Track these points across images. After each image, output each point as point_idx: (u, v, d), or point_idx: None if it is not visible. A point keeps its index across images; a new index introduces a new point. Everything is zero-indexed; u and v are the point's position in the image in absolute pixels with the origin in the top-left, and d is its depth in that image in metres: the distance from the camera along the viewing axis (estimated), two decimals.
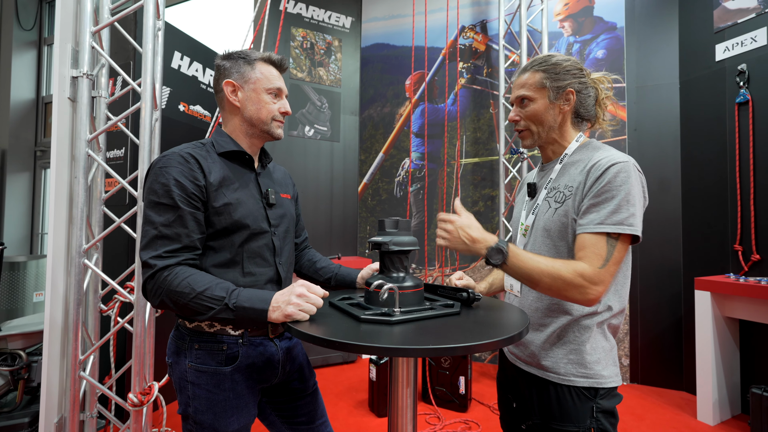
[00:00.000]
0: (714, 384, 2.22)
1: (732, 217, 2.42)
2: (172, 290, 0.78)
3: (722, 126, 2.49)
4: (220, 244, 0.88)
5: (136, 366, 1.45)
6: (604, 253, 0.77)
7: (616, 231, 0.77)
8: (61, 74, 1.44)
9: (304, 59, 3.48)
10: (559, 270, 0.77)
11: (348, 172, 3.65)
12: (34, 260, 2.63)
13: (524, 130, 0.94)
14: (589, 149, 0.90)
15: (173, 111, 2.47)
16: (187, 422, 0.91)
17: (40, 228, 4.82)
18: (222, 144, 0.94)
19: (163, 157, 0.86)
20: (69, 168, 1.48)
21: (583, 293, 0.76)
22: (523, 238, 0.95)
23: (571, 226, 0.84)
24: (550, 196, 0.90)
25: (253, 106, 0.94)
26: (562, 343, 0.86)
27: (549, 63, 0.91)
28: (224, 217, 0.87)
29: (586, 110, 0.93)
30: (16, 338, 1.71)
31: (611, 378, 0.84)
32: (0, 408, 1.63)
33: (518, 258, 0.79)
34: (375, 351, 0.58)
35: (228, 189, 0.89)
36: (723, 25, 2.51)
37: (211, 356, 0.89)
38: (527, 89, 0.91)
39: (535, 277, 0.78)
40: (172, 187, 0.82)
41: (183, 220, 0.82)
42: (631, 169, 0.80)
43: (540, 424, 0.87)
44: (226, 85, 0.94)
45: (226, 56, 0.96)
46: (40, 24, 4.92)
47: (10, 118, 4.60)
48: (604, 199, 0.79)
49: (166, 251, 0.81)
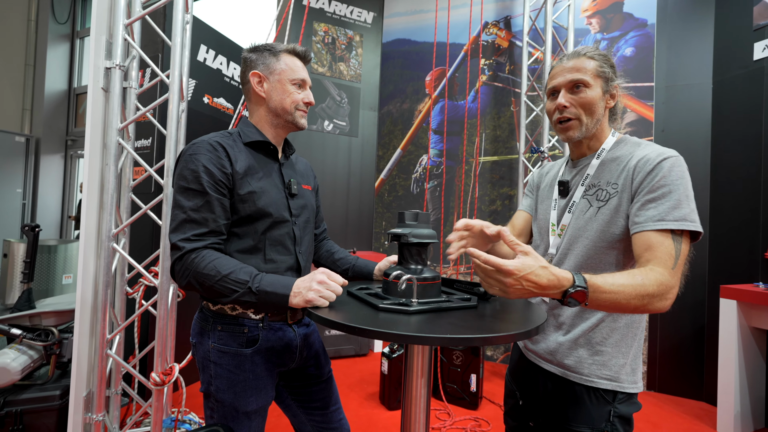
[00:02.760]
0: (737, 395, 2.14)
1: (764, 224, 2.32)
2: (198, 272, 0.81)
3: (757, 129, 2.38)
4: (244, 231, 0.91)
5: (159, 347, 1.52)
6: (673, 252, 0.71)
7: (679, 228, 0.72)
8: (95, 65, 1.50)
9: (325, 54, 3.50)
10: (645, 286, 0.68)
11: (365, 167, 3.67)
12: (63, 244, 2.76)
13: (573, 119, 0.85)
14: (629, 145, 0.86)
15: (198, 103, 2.54)
16: (208, 400, 0.94)
17: (70, 213, 5.04)
18: (248, 134, 0.96)
19: (193, 144, 0.90)
20: (101, 156, 1.54)
21: (664, 300, 0.70)
22: (558, 239, 0.90)
23: (617, 225, 0.80)
24: (590, 194, 0.85)
25: (277, 96, 0.96)
26: (588, 343, 0.84)
27: (599, 54, 0.86)
28: (248, 205, 0.90)
29: (618, 110, 0.91)
30: (49, 315, 1.80)
31: (634, 384, 0.82)
32: (34, 380, 1.73)
33: (601, 290, 0.66)
34: (393, 338, 0.59)
35: (253, 178, 0.92)
36: (764, 22, 2.39)
37: (233, 338, 0.92)
38: (584, 74, 0.83)
39: (623, 303, 0.67)
40: (201, 174, 0.85)
41: (210, 206, 0.86)
42: (684, 163, 0.77)
43: (551, 422, 0.86)
44: (252, 76, 0.96)
45: (252, 49, 0.99)
46: (73, 17, 5.12)
47: (44, 109, 4.82)
48: (662, 194, 0.74)
49: (194, 234, 0.84)
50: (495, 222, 0.83)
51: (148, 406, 1.58)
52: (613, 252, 0.82)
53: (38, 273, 2.03)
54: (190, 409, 2.12)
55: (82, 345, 1.50)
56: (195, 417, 2.05)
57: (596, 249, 0.83)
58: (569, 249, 0.86)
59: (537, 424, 0.90)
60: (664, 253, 0.71)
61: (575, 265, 0.86)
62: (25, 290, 1.83)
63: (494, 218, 3.26)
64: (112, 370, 1.70)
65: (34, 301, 1.87)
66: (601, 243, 0.82)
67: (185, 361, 1.63)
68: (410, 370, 0.75)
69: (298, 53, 0.99)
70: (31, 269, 1.85)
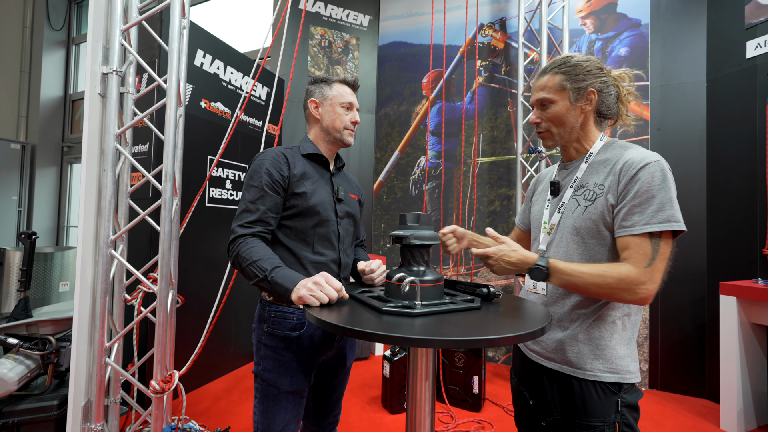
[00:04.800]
0: (739, 392, 2.14)
1: (761, 220, 2.33)
2: (239, 254, 0.98)
3: (752, 125, 2.40)
4: (298, 225, 1.08)
5: (158, 354, 1.50)
6: (649, 252, 0.78)
7: (663, 229, 0.78)
8: (92, 71, 1.49)
9: (322, 57, 3.51)
10: (605, 277, 0.79)
11: (364, 169, 3.67)
12: (60, 252, 2.74)
13: (545, 132, 0.95)
14: (616, 148, 0.91)
15: (195, 108, 2.53)
16: (256, 380, 1.09)
17: (66, 221, 5.00)
18: (305, 147, 1.17)
19: (262, 153, 1.11)
20: (98, 161, 1.53)
21: (633, 294, 0.78)
22: (548, 237, 0.95)
23: (604, 224, 0.85)
24: (579, 195, 0.90)
25: (329, 118, 1.17)
26: (588, 339, 0.87)
27: (569, 65, 0.91)
28: (302, 202, 1.07)
29: (608, 108, 0.93)
30: (46, 324, 1.78)
31: (635, 373, 0.86)
32: (31, 390, 1.70)
33: (561, 272, 0.82)
34: (398, 341, 0.58)
35: (307, 181, 1.10)
36: (755, 20, 2.41)
37: (283, 324, 1.07)
38: (547, 92, 0.92)
39: (582, 287, 0.81)
40: (263, 175, 1.05)
41: (264, 200, 1.04)
42: (666, 166, 0.82)
43: (562, 420, 0.87)
44: (310, 102, 1.19)
45: (312, 82, 1.21)
46: (69, 24, 5.11)
47: (39, 115, 4.80)
48: (646, 199, 0.80)
49: (247, 222, 1.02)
50: (494, 221, 0.90)
51: (148, 415, 1.56)
52: (602, 249, 0.86)
53: (35, 281, 2.01)
54: (190, 417, 2.10)
55: (80, 353, 1.48)
56: (195, 425, 2.02)
57: (583, 245, 0.88)
58: (558, 246, 0.92)
59: (549, 423, 0.91)
60: (639, 253, 0.79)
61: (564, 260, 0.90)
62: (22, 299, 1.81)
63: (493, 218, 3.26)
64: (110, 379, 1.68)
65: (30, 310, 1.84)
66: (588, 240, 0.87)
67: (185, 368, 1.61)
68: (414, 374, 0.74)
69: (348, 82, 1.20)
70: (28, 277, 1.83)
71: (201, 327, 2.15)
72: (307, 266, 1.07)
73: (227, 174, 2.81)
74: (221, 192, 2.76)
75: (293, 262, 1.06)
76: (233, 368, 2.90)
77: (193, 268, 2.46)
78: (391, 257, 3.54)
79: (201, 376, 2.60)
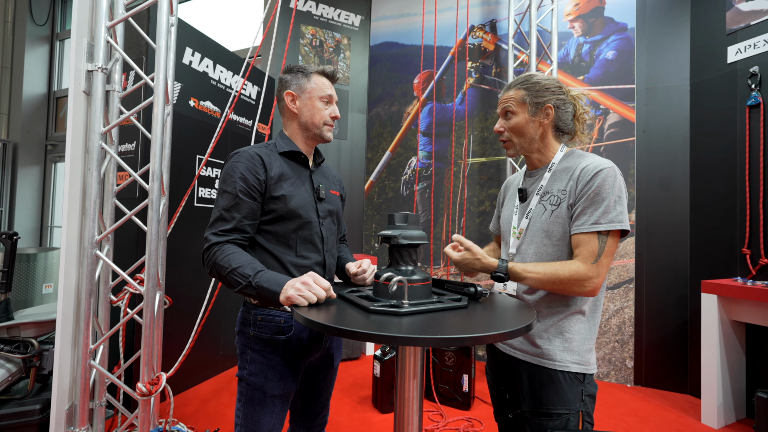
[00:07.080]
0: (719, 387, 2.20)
1: (741, 220, 2.40)
2: (216, 263, 0.93)
3: (733, 129, 2.47)
4: (279, 229, 1.03)
5: (145, 356, 1.48)
6: (596, 249, 0.88)
7: (608, 228, 0.87)
8: (76, 68, 1.46)
9: (313, 57, 3.50)
10: (557, 274, 0.88)
11: (355, 170, 3.67)
12: (43, 252, 2.67)
13: (507, 141, 1.04)
14: (575, 157, 1.00)
15: (184, 106, 2.50)
16: (240, 384, 1.04)
17: (50, 221, 4.89)
18: (282, 145, 1.09)
19: (236, 153, 1.04)
20: (83, 160, 1.50)
21: (582, 287, 0.88)
22: (516, 241, 1.03)
23: (566, 225, 0.94)
24: (545, 200, 0.99)
25: (308, 112, 1.09)
26: (558, 332, 0.95)
27: (530, 82, 1.01)
28: (281, 206, 1.02)
29: (565, 124, 1.01)
30: (28, 327, 1.74)
31: (595, 365, 0.96)
32: (12, 395, 1.66)
33: (519, 274, 0.92)
34: (385, 340, 0.59)
35: (286, 183, 1.04)
36: (736, 26, 2.48)
37: (270, 327, 1.03)
38: (510, 103, 1.02)
39: (539, 286, 0.92)
40: (236, 180, 0.99)
41: (239, 207, 0.98)
42: (617, 172, 0.91)
43: (529, 411, 0.94)
44: (286, 95, 1.10)
45: (287, 70, 1.12)
46: (52, 19, 4.99)
47: (22, 113, 4.68)
48: (597, 201, 0.89)
49: (221, 230, 0.97)
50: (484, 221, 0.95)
51: (135, 418, 1.53)
52: (566, 249, 0.95)
53: (16, 282, 1.96)
54: (178, 419, 2.07)
55: (64, 356, 1.45)
56: (183, 427, 2.00)
57: (552, 246, 0.96)
58: (527, 249, 1.00)
59: (515, 416, 0.97)
60: (587, 250, 0.88)
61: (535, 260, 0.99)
62: (3, 300, 1.77)
63: (483, 218, 3.29)
64: (95, 382, 1.65)
65: (12, 312, 1.80)
66: (557, 241, 0.95)
67: (173, 370, 1.59)
68: (402, 372, 0.75)
69: (327, 73, 1.12)
70: (9, 279, 1.79)
71: (189, 328, 2.13)
72: (291, 270, 1.02)
73: (216, 173, 2.78)
74: (210, 192, 2.73)
75: (276, 267, 1.02)
76: (222, 369, 2.87)
77: (181, 269, 2.43)
78: (382, 257, 3.55)
79: (189, 378, 2.57)
